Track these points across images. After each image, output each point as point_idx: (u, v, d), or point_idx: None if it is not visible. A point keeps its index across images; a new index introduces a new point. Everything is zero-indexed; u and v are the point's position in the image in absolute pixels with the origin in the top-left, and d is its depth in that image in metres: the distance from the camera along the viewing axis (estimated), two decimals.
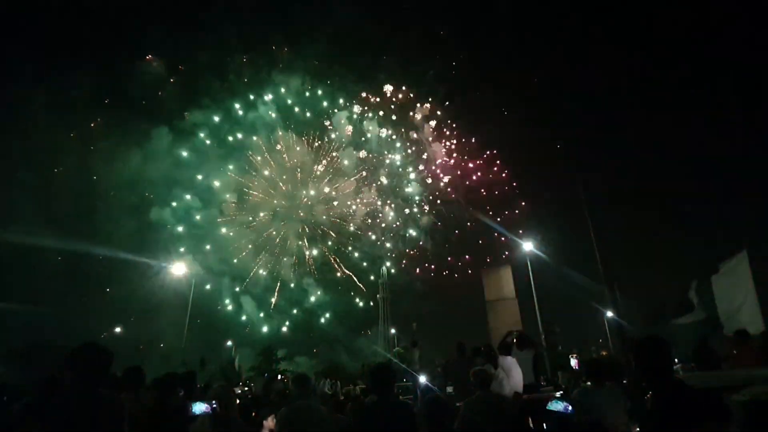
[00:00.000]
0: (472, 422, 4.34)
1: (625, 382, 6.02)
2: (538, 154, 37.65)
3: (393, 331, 39.01)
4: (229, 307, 35.88)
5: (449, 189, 41.18)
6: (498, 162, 41.47)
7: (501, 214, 39.50)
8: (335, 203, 40.23)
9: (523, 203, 40.08)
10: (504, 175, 41.26)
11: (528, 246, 21.43)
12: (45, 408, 2.59)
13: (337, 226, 40.24)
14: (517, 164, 40.57)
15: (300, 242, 39.25)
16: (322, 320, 37.56)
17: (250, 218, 38.43)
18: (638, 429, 4.07)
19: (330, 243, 39.92)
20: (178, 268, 25.86)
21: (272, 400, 9.31)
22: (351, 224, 40.37)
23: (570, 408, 4.67)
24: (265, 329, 36.57)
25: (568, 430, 4.75)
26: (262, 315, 36.75)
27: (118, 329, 34.24)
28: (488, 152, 41.69)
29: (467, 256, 39.63)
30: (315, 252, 39.41)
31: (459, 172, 41.31)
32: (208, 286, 33.65)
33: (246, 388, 17.11)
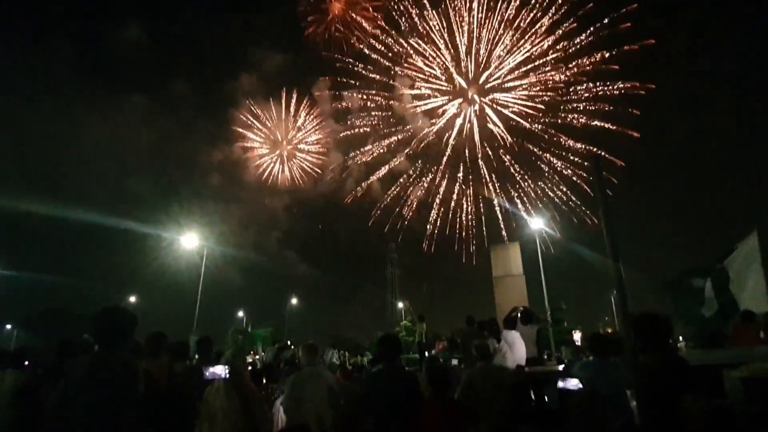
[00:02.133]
0: (472, 392, 4.48)
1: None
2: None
3: (401, 305, 39.56)
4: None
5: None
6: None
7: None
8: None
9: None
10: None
11: (537, 223, 21.41)
12: (62, 369, 2.70)
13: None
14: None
15: None
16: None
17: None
18: (635, 403, 4.20)
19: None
20: (190, 240, 26.27)
21: (282, 368, 9.64)
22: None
23: (581, 386, 4.78)
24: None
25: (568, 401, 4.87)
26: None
27: (132, 298, 35.20)
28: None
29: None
30: None
31: None
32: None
33: (257, 356, 17.65)
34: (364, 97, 39.50)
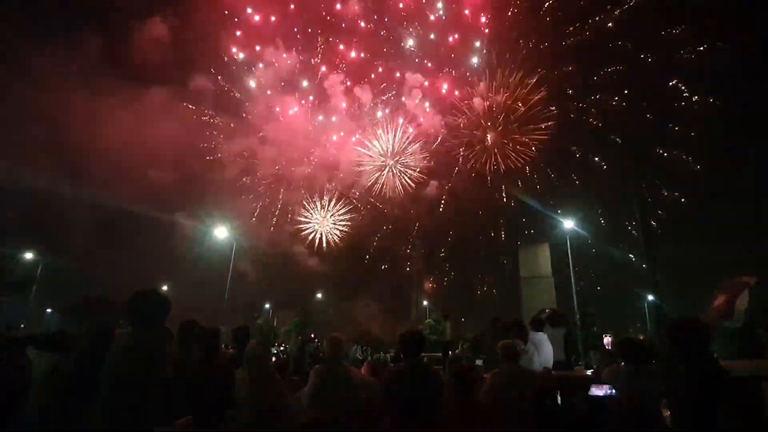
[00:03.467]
0: (497, 393, 4.40)
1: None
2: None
3: (425, 303, 39.44)
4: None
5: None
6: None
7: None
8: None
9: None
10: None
11: (569, 224, 20.87)
12: (91, 353, 2.76)
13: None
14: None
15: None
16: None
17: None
18: (669, 413, 4.03)
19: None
20: (221, 232, 26.93)
21: (306, 360, 9.76)
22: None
23: (613, 391, 4.63)
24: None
25: (604, 410, 4.73)
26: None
27: (165, 287, 36.41)
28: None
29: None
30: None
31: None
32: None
33: (282, 348, 17.94)
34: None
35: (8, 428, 3.98)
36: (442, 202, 38.94)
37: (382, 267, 41.18)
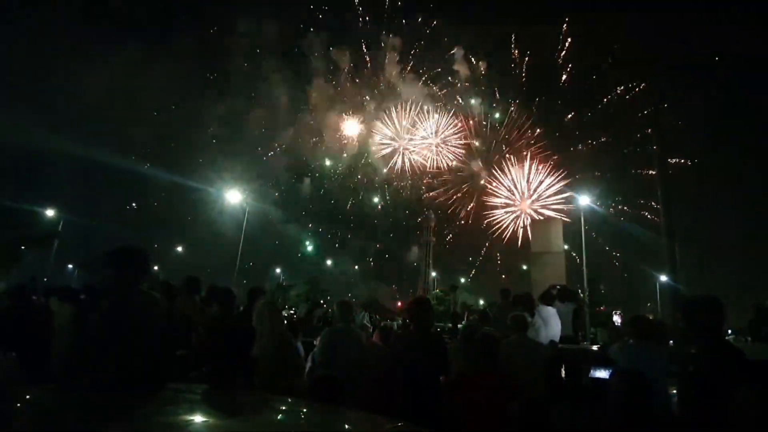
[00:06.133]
0: (507, 362, 4.42)
1: (671, 342, 5.85)
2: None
3: (434, 274, 39.66)
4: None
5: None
6: None
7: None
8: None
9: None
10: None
11: (584, 200, 20.52)
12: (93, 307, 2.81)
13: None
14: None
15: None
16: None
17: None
18: (675, 390, 4.00)
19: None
20: (234, 195, 27.15)
21: (315, 324, 9.95)
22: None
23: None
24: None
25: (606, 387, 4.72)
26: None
27: (179, 248, 37.19)
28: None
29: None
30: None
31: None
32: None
33: (291, 311, 18.34)
34: None
35: (43, 375, 4.10)
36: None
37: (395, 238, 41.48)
